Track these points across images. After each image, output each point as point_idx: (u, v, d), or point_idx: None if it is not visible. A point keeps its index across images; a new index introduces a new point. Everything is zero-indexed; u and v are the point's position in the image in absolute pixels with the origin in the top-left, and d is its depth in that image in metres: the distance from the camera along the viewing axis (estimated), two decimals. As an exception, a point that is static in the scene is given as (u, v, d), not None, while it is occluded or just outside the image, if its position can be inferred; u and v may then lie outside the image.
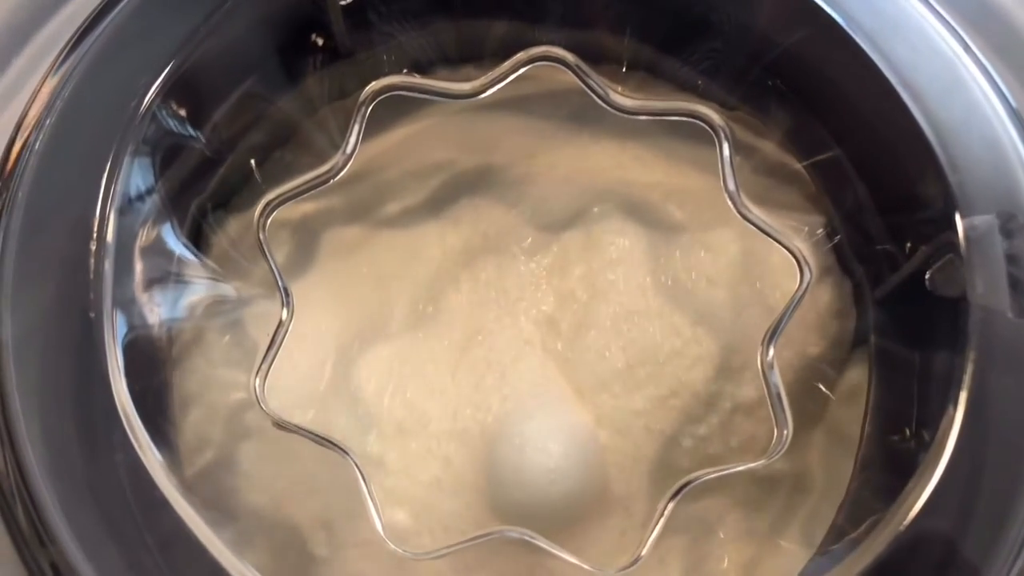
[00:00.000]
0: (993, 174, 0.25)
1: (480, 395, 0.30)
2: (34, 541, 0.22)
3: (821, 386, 0.29)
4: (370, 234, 0.33)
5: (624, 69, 0.33)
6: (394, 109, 0.33)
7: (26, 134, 0.24)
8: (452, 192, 0.33)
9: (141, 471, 0.22)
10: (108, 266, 0.24)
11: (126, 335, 0.23)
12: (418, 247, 0.32)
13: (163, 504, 0.22)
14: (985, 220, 0.25)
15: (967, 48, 0.26)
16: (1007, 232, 0.25)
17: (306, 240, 0.33)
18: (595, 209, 0.32)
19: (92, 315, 0.23)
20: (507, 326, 0.31)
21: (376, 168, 0.33)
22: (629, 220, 0.32)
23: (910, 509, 0.23)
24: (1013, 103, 0.25)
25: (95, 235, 0.23)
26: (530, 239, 0.32)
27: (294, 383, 0.30)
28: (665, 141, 0.33)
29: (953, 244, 0.25)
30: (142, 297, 0.25)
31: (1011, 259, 0.25)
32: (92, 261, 0.23)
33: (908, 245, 0.27)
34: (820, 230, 0.30)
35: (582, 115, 0.33)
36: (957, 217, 0.25)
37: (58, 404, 0.23)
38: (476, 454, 0.29)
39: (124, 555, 0.22)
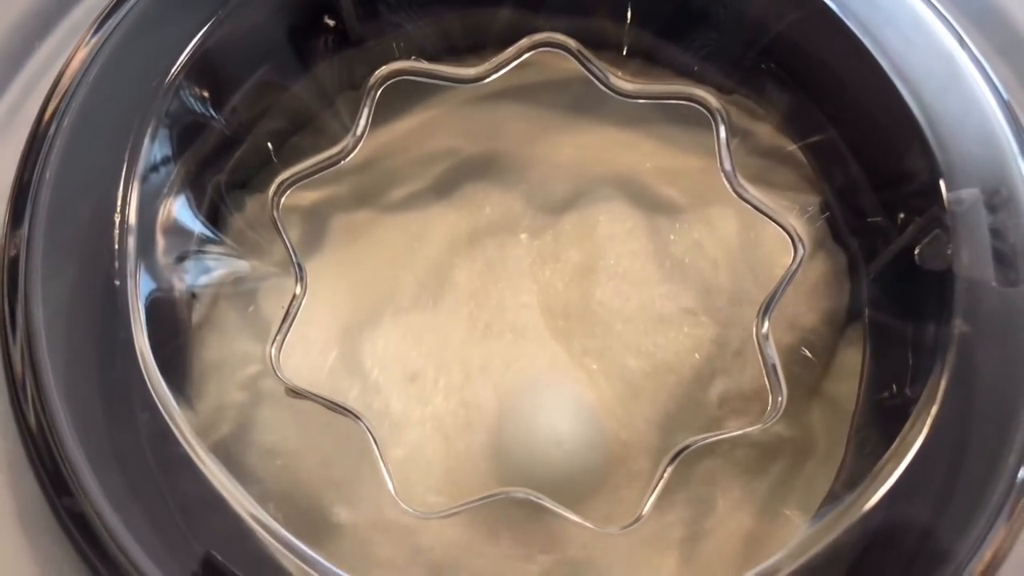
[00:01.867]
0: (978, 150, 0.26)
1: (488, 369, 0.31)
2: (64, 494, 0.22)
3: (815, 358, 0.30)
4: (378, 218, 0.34)
5: (624, 55, 0.34)
6: (401, 99, 0.34)
7: (54, 106, 0.25)
8: (457, 177, 0.34)
9: (163, 430, 0.23)
10: (132, 239, 0.25)
11: (148, 301, 0.24)
12: (424, 230, 0.33)
13: (185, 462, 0.23)
14: (970, 194, 0.26)
15: (952, 29, 0.28)
16: (991, 207, 0.26)
17: (316, 224, 0.34)
18: (595, 192, 0.33)
19: (117, 283, 0.24)
20: (511, 304, 0.32)
21: (383, 155, 0.34)
22: (628, 202, 0.33)
23: (895, 470, 0.24)
24: (997, 82, 0.26)
25: (119, 209, 0.24)
26: (532, 221, 0.33)
27: (306, 360, 0.31)
28: (663, 127, 0.34)
29: (940, 218, 0.26)
30: (163, 268, 0.26)
31: (995, 232, 0.26)
32: (116, 232, 0.24)
33: (899, 220, 0.28)
34: (814, 208, 0.31)
35: (582, 103, 0.34)
36: (943, 191, 0.26)
37: (85, 367, 0.24)
38: (485, 425, 0.30)
39: (147, 510, 0.23)
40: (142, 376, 0.23)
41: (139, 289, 0.24)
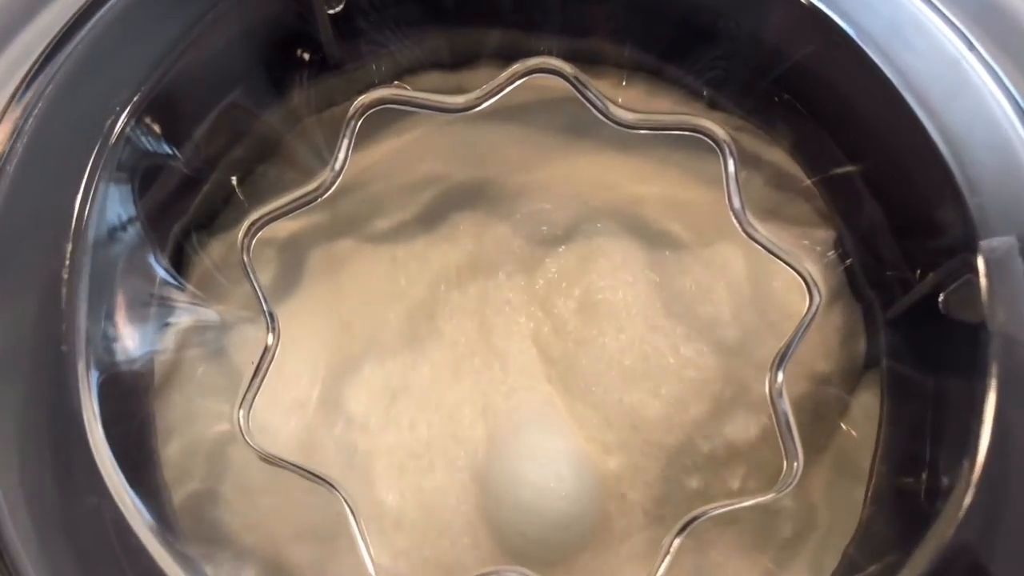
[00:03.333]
0: (1012, 195, 0.24)
1: (477, 420, 0.29)
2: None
3: (830, 413, 0.28)
4: (359, 250, 0.32)
5: (625, 78, 0.31)
6: (384, 120, 0.31)
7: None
8: (444, 206, 0.32)
9: (118, 516, 0.21)
10: (83, 295, 0.22)
11: (102, 372, 0.22)
12: (409, 264, 0.31)
13: (140, 550, 0.20)
14: (1005, 242, 0.24)
15: (984, 63, 0.25)
16: (1029, 255, 0.24)
17: (293, 257, 0.32)
18: (592, 225, 0.31)
19: (64, 348, 0.21)
20: (502, 344, 0.30)
21: (365, 181, 0.32)
22: (628, 236, 0.31)
23: (928, 557, 0.21)
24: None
25: (67, 264, 0.22)
26: (525, 255, 0.31)
27: (281, 410, 0.29)
28: (666, 153, 0.32)
29: (971, 265, 0.24)
30: (121, 327, 0.24)
31: (1033, 284, 0.24)
32: (64, 291, 0.22)
33: (922, 265, 0.26)
34: (831, 251, 0.29)
35: (579, 125, 0.32)
36: (976, 238, 0.24)
37: (35, 444, 0.21)
38: (473, 478, 0.28)
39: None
40: (91, 457, 0.21)
41: (90, 360, 0.22)
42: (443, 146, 0.32)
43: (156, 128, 0.25)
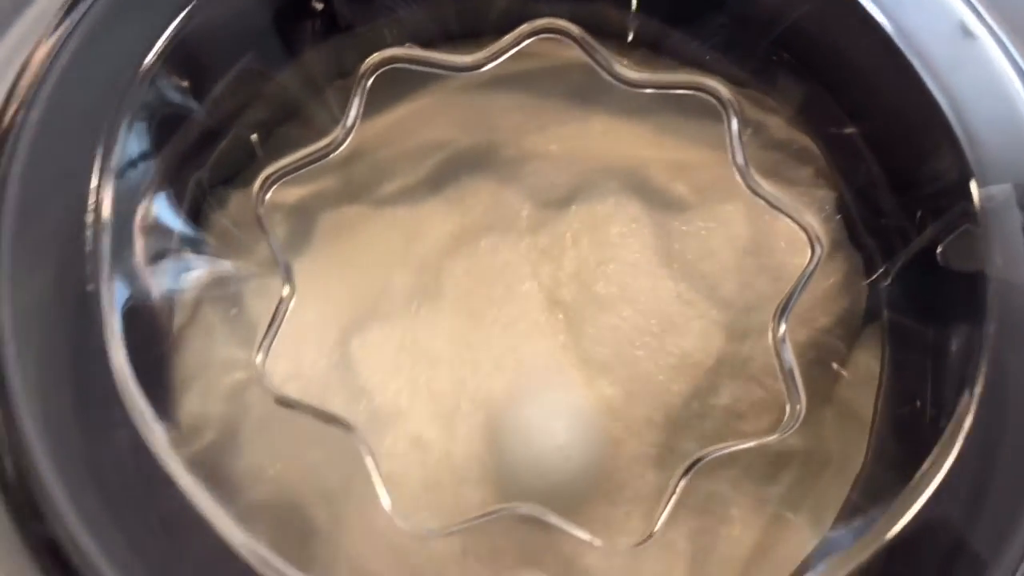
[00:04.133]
0: (1008, 144, 0.25)
1: (485, 373, 0.29)
2: (33, 517, 0.21)
3: (833, 363, 0.29)
4: (369, 214, 0.32)
5: (628, 44, 0.32)
6: (392, 88, 0.32)
7: (17, 104, 0.24)
8: (452, 171, 0.32)
9: (141, 446, 0.21)
10: (106, 239, 0.23)
11: (125, 307, 0.23)
12: (418, 226, 0.32)
13: (165, 480, 0.21)
14: (1002, 190, 0.24)
15: (980, 17, 0.26)
16: (1024, 204, 0.25)
17: (303, 222, 0.32)
18: (598, 186, 0.32)
19: (90, 288, 0.22)
20: (510, 304, 0.31)
21: (373, 148, 0.32)
22: (633, 196, 0.31)
23: (923, 491, 0.22)
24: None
25: (92, 208, 0.23)
26: (531, 216, 0.32)
27: (294, 366, 0.29)
28: (670, 118, 0.32)
29: (969, 214, 0.25)
30: (141, 271, 0.24)
31: (1030, 232, 0.24)
32: (89, 234, 0.22)
33: (920, 217, 0.27)
34: (831, 208, 0.30)
35: (584, 92, 0.33)
36: (973, 186, 0.24)
37: (57, 381, 0.22)
38: (482, 432, 0.28)
39: (125, 531, 0.21)
40: (117, 390, 0.21)
41: (114, 294, 0.22)
42: (450, 113, 0.33)
43: (179, 80, 0.26)
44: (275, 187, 0.29)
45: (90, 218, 0.22)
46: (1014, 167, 0.25)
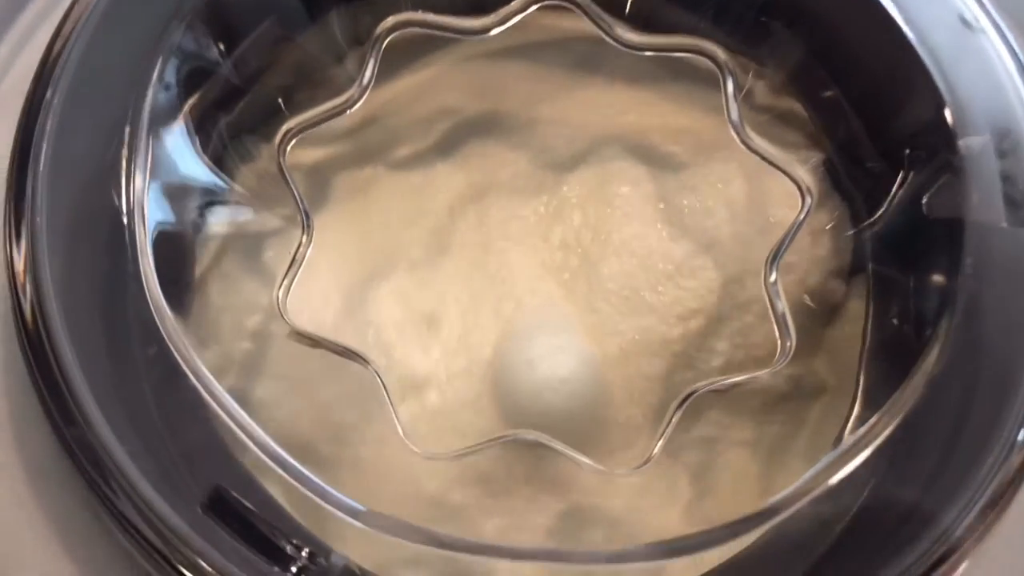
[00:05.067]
0: (986, 97, 0.26)
1: (492, 319, 0.31)
2: (67, 422, 0.22)
3: (818, 308, 0.30)
4: (381, 176, 0.33)
5: (626, 15, 0.33)
6: (404, 57, 0.33)
7: (62, 42, 0.25)
8: (461, 136, 0.34)
9: (171, 363, 0.23)
10: (139, 173, 0.24)
11: (156, 233, 0.24)
12: (428, 188, 0.33)
13: (193, 394, 0.22)
14: (980, 140, 0.26)
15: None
16: (1001, 152, 0.26)
17: (319, 183, 0.33)
18: (601, 149, 0.33)
19: (124, 213, 0.24)
20: (517, 260, 0.32)
21: (386, 114, 0.34)
22: (634, 159, 0.33)
23: (898, 414, 0.24)
24: (1004, 27, 0.26)
25: (126, 142, 0.24)
26: (538, 179, 0.33)
27: (311, 313, 0.31)
28: (669, 86, 0.34)
29: (950, 165, 0.26)
30: (172, 206, 0.25)
31: (1005, 178, 0.26)
32: (124, 166, 0.24)
33: (903, 171, 0.28)
34: (817, 164, 0.31)
35: (587, 62, 0.34)
36: (956, 139, 0.26)
37: (90, 299, 0.23)
38: (488, 370, 0.30)
39: (152, 446, 0.23)
40: (148, 307, 0.23)
41: (147, 221, 0.24)
42: (458, 82, 0.34)
43: (208, 37, 0.27)
44: (293, 149, 0.31)
45: (125, 151, 0.24)
46: (991, 118, 0.26)
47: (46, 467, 0.23)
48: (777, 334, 0.27)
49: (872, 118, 0.29)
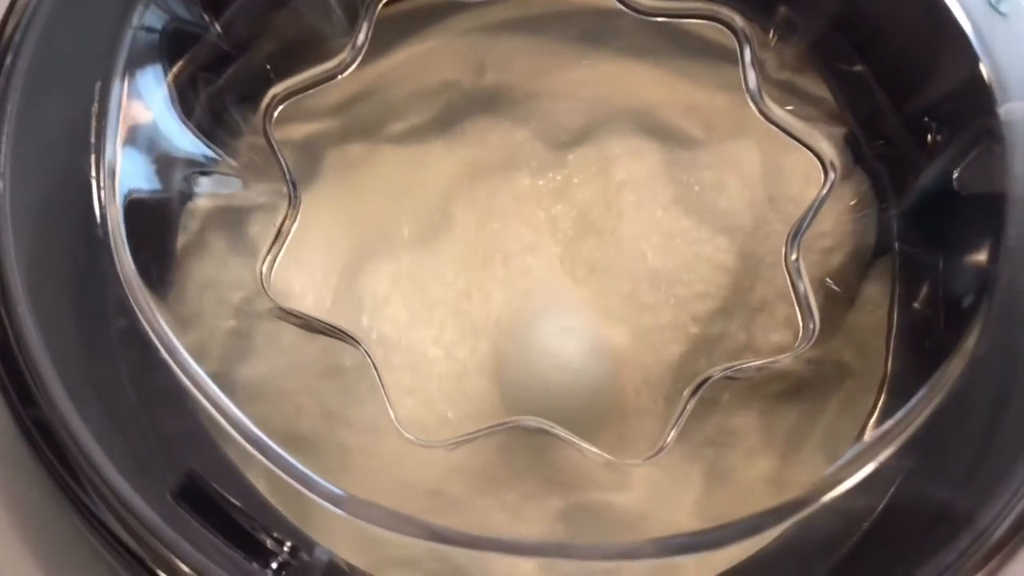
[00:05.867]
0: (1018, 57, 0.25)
1: (491, 302, 0.29)
2: (27, 401, 0.20)
3: (841, 291, 0.28)
4: (376, 151, 0.32)
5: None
6: (400, 29, 0.32)
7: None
8: (460, 111, 0.32)
9: (140, 333, 0.21)
10: (111, 133, 0.22)
11: (128, 199, 0.22)
12: (425, 163, 0.32)
13: (163, 367, 0.21)
14: (1021, 106, 0.24)
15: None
16: (1044, 120, 0.24)
17: (309, 158, 0.32)
18: (608, 125, 0.31)
19: (93, 176, 0.22)
20: (517, 238, 0.31)
21: (381, 87, 0.32)
22: (643, 136, 0.31)
23: (942, 390, 0.22)
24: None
25: (96, 98, 0.22)
26: (540, 156, 0.31)
27: (297, 295, 0.29)
28: (679, 61, 0.32)
29: (989, 132, 0.24)
30: (148, 170, 0.24)
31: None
32: (93, 124, 0.22)
33: (934, 143, 0.26)
34: (839, 140, 0.29)
35: (593, 35, 0.33)
36: (995, 104, 0.24)
37: (57, 267, 0.22)
38: (487, 355, 0.28)
39: (121, 427, 0.21)
40: (119, 281, 0.21)
41: (118, 187, 0.22)
42: (458, 54, 0.33)
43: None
44: (288, 114, 0.29)
45: (95, 109, 0.22)
46: (1029, 81, 0.24)
47: (7, 453, 0.21)
48: (799, 315, 0.26)
49: (899, 88, 0.28)
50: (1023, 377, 0.23)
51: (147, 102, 0.25)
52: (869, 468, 0.22)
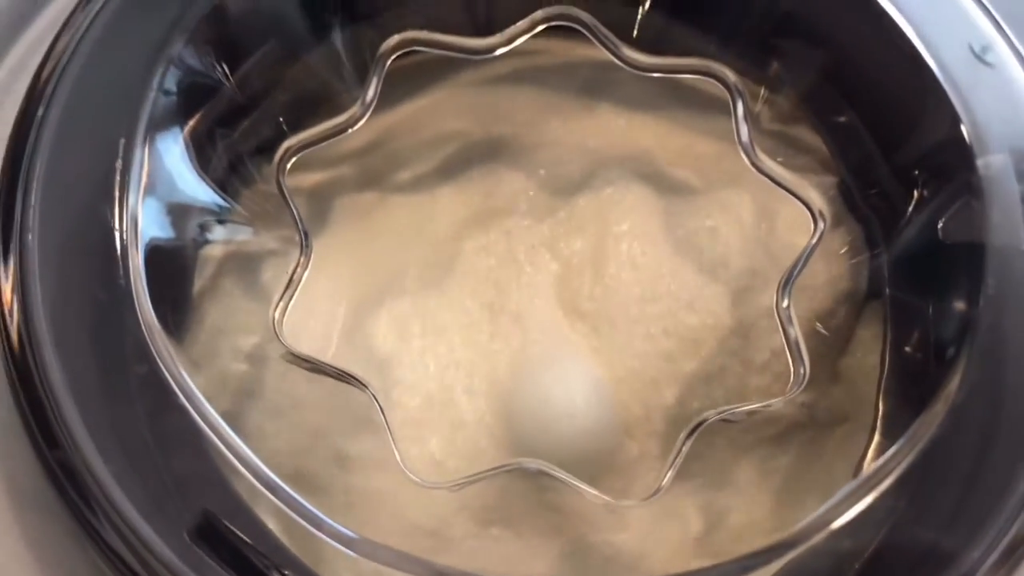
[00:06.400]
0: (1005, 116, 0.26)
1: (496, 348, 0.30)
2: (51, 444, 0.21)
3: (832, 337, 0.29)
4: (383, 200, 0.33)
5: (633, 38, 0.33)
6: (408, 81, 0.33)
7: (54, 62, 0.25)
8: (464, 160, 0.33)
9: (160, 381, 0.22)
10: (133, 187, 0.24)
11: (149, 249, 0.23)
12: (431, 211, 0.33)
13: (182, 413, 0.22)
14: (999, 160, 0.25)
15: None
16: (1021, 173, 0.25)
17: (320, 206, 0.33)
18: (606, 174, 0.32)
19: (116, 228, 0.23)
20: (520, 285, 0.31)
21: (389, 138, 0.33)
22: (640, 183, 0.32)
23: (927, 431, 0.23)
24: (1021, 47, 0.26)
25: (120, 154, 0.23)
26: (543, 203, 0.32)
27: (309, 338, 0.30)
28: (676, 112, 0.33)
29: (969, 185, 0.25)
30: (167, 222, 0.25)
31: (1025, 199, 0.25)
32: (118, 179, 0.23)
33: (919, 194, 0.27)
34: (831, 189, 0.30)
35: (593, 87, 0.34)
36: (974, 159, 0.25)
37: (79, 316, 0.23)
38: (492, 400, 0.29)
39: (140, 469, 0.22)
40: (140, 327, 0.22)
41: (140, 237, 0.23)
42: (463, 107, 0.34)
43: (209, 55, 0.27)
44: (295, 172, 0.30)
45: (119, 164, 0.23)
46: (1009, 137, 0.25)
47: (30, 493, 0.22)
48: (790, 361, 0.26)
49: (887, 140, 0.29)
50: (1004, 419, 0.23)
51: (166, 157, 0.26)
52: (859, 508, 0.23)
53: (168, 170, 0.26)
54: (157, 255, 0.25)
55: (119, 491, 0.21)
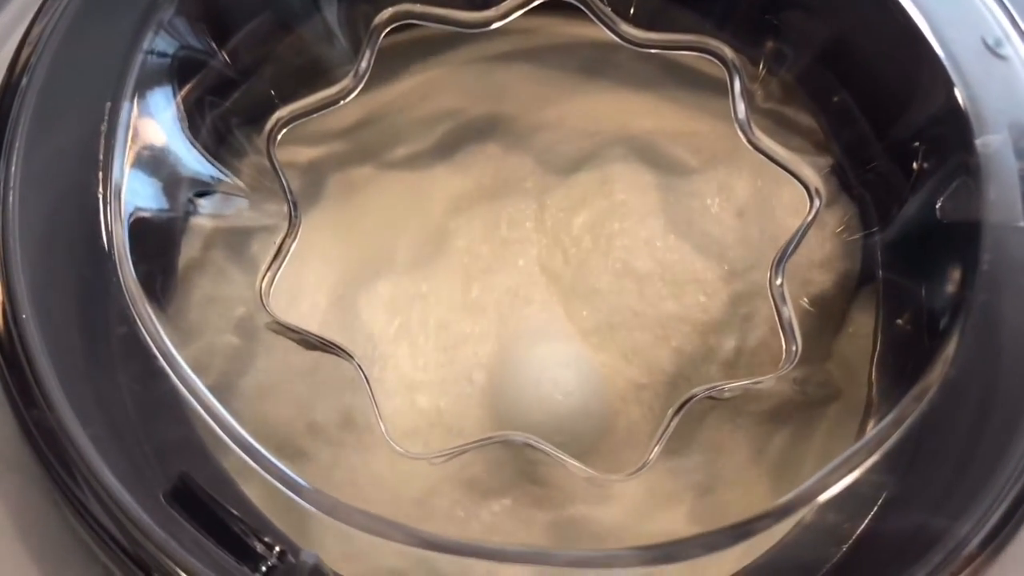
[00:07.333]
0: (1004, 94, 0.25)
1: (485, 322, 0.30)
2: (27, 403, 0.21)
3: (826, 318, 0.29)
4: (377, 176, 0.33)
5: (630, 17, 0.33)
6: (405, 58, 0.33)
7: (42, 25, 0.24)
8: (461, 138, 0.33)
9: (140, 343, 0.21)
10: (118, 152, 0.23)
11: (135, 224, 0.23)
12: (425, 189, 0.32)
13: (162, 376, 0.21)
14: (997, 139, 0.25)
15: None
16: (1020, 151, 0.25)
17: (314, 181, 0.33)
18: (604, 153, 0.32)
19: (100, 194, 0.23)
20: (514, 263, 0.31)
21: (384, 113, 0.33)
22: (638, 163, 0.32)
23: (918, 405, 0.22)
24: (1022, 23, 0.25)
25: (106, 120, 0.23)
26: (538, 182, 0.32)
27: (296, 312, 0.30)
28: (673, 91, 0.33)
29: (967, 165, 0.25)
30: (155, 190, 0.25)
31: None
32: (102, 143, 0.23)
33: (918, 174, 0.27)
34: (826, 170, 0.30)
35: (591, 67, 0.34)
36: (972, 138, 0.25)
37: (62, 277, 0.23)
38: (482, 379, 0.29)
39: (117, 430, 0.21)
40: (123, 293, 0.22)
41: (124, 204, 0.23)
42: (461, 84, 0.34)
43: (199, 27, 0.26)
44: (287, 146, 0.30)
45: (104, 128, 0.23)
46: (1008, 117, 0.25)
47: (7, 454, 0.22)
48: (782, 338, 0.26)
49: (883, 119, 0.28)
50: (997, 396, 0.23)
51: (155, 123, 0.26)
52: (850, 479, 0.23)
53: (156, 137, 0.25)
54: (143, 223, 0.25)
55: (95, 453, 0.20)
